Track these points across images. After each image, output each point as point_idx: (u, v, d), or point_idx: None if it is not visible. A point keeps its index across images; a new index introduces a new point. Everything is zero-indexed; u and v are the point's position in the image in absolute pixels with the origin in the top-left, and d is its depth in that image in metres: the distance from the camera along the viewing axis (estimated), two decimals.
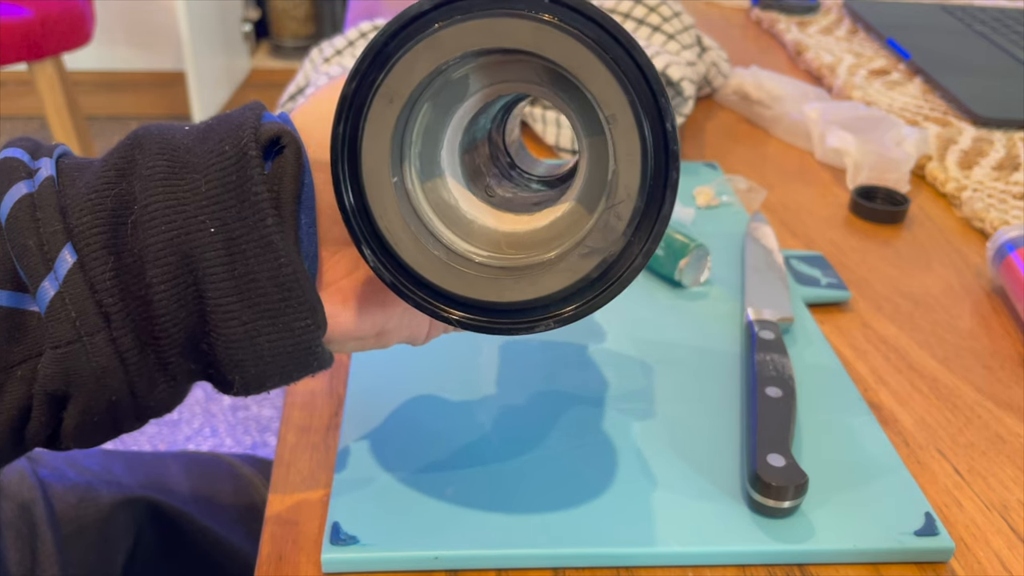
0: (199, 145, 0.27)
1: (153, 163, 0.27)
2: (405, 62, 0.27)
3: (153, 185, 0.26)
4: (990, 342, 0.49)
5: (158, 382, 0.28)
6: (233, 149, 0.27)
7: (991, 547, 0.36)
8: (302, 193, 0.27)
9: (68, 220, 0.26)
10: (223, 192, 0.26)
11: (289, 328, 0.27)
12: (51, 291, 0.26)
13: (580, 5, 0.26)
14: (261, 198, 0.26)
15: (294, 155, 0.27)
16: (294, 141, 0.27)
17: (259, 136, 0.27)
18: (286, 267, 0.27)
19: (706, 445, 0.39)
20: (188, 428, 1.42)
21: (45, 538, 0.46)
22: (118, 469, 0.53)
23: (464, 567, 0.34)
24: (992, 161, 0.68)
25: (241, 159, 0.26)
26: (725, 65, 0.77)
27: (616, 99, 0.26)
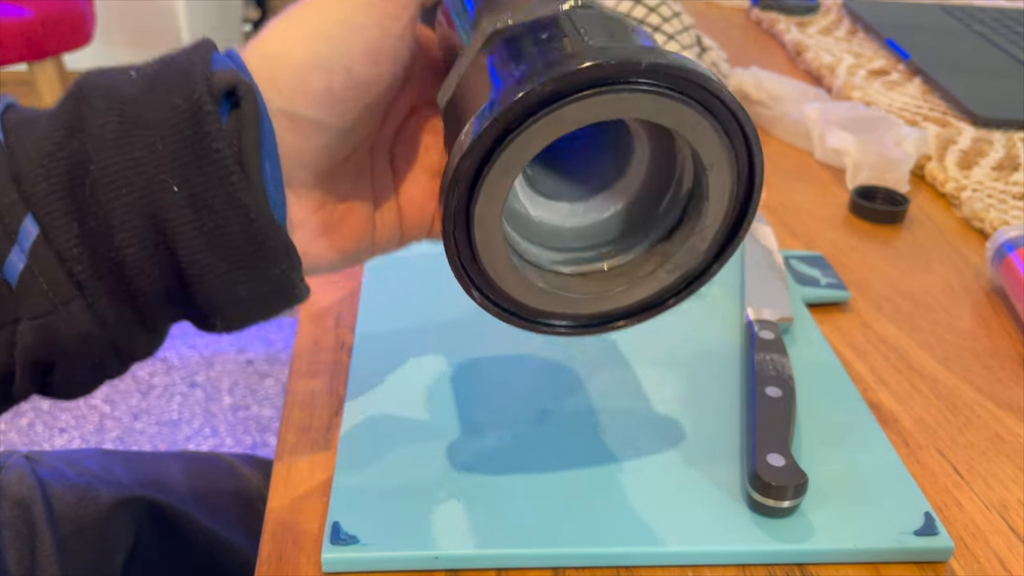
0: (148, 96, 0.26)
1: (103, 120, 0.26)
2: (524, 137, 0.27)
3: (107, 145, 0.26)
4: (990, 342, 0.49)
5: (139, 335, 0.28)
6: (186, 103, 0.26)
7: (991, 547, 0.36)
8: (263, 142, 0.27)
9: (23, 188, 0.26)
10: (180, 149, 0.26)
11: (265, 276, 0.28)
12: (19, 264, 0.26)
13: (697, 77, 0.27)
14: (224, 155, 0.26)
15: (252, 107, 0.27)
16: (250, 91, 0.27)
17: (212, 88, 0.26)
18: (256, 221, 0.27)
19: (706, 445, 0.39)
20: (188, 428, 1.42)
21: (44, 538, 0.46)
22: (118, 469, 0.53)
23: (464, 567, 0.34)
24: (992, 161, 0.68)
25: (196, 114, 0.26)
26: (725, 65, 0.77)
27: (717, 153, 0.29)
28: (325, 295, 0.48)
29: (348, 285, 0.49)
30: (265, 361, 1.58)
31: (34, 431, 1.40)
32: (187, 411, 1.46)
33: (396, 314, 0.46)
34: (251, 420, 1.45)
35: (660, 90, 0.27)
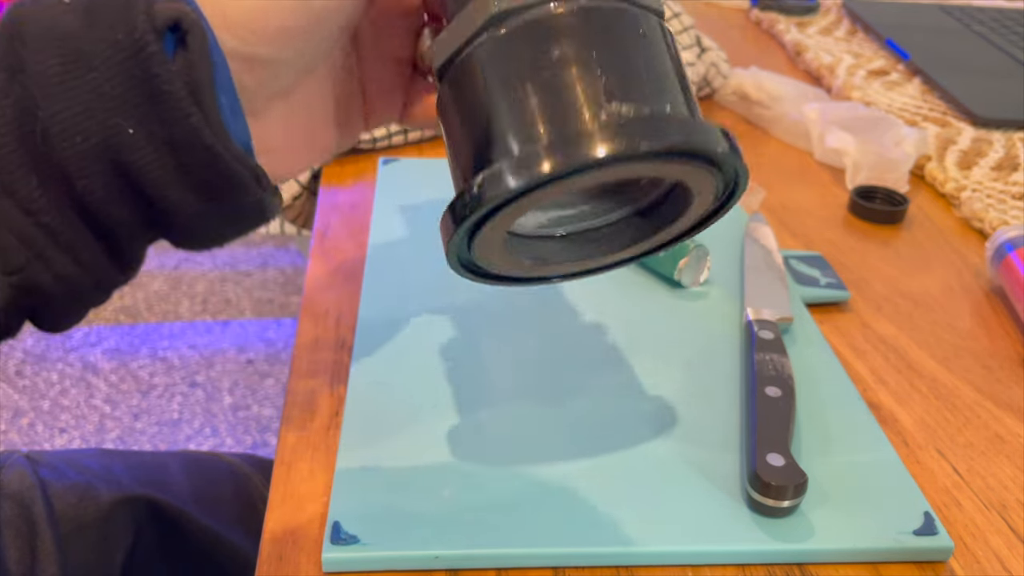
0: (88, 31, 0.25)
1: (44, 60, 0.24)
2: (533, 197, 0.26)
3: (52, 90, 0.24)
4: (989, 342, 0.49)
5: (117, 266, 0.28)
6: (127, 39, 0.24)
7: (990, 547, 0.36)
8: (216, 76, 0.26)
9: None
10: (130, 90, 0.25)
11: (238, 204, 0.28)
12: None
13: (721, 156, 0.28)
14: (178, 96, 0.25)
15: (199, 41, 0.25)
16: (196, 24, 0.25)
17: (155, 22, 0.25)
18: (222, 157, 0.26)
19: (705, 444, 0.39)
20: (188, 428, 1.43)
21: (45, 536, 0.46)
22: (118, 468, 0.53)
23: (464, 566, 0.34)
24: (991, 161, 0.68)
25: (140, 52, 0.25)
26: (724, 65, 0.77)
27: (709, 188, 0.29)
28: (325, 295, 0.48)
29: (348, 285, 0.49)
30: (265, 361, 1.58)
31: (34, 431, 1.40)
32: (187, 411, 1.46)
33: (397, 314, 0.46)
34: (251, 420, 1.45)
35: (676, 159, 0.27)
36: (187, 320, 1.67)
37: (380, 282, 0.49)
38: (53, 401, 1.46)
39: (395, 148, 0.65)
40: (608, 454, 0.38)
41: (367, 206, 0.57)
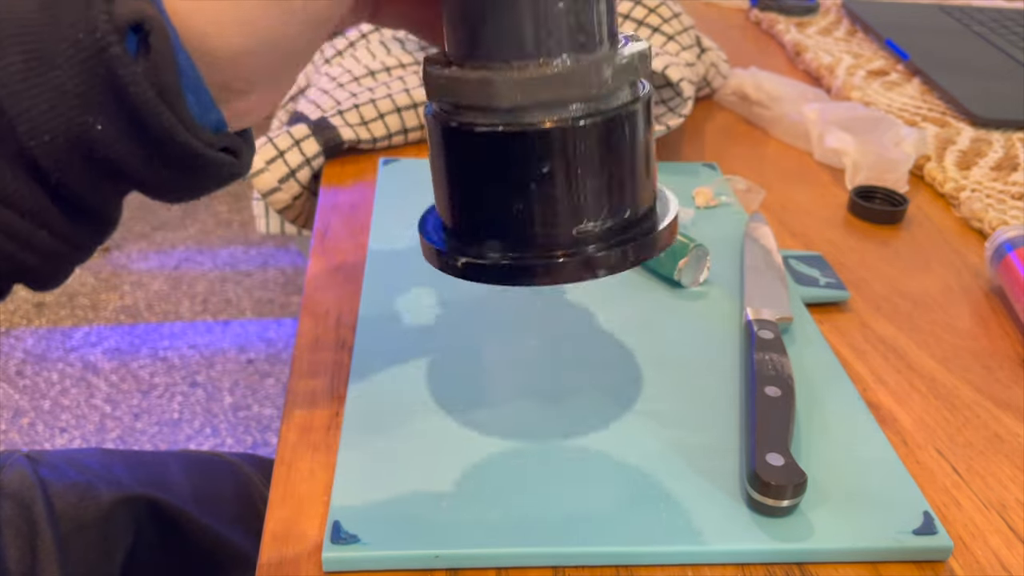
0: (49, 28, 0.24)
1: (4, 59, 0.24)
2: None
3: (15, 87, 0.24)
4: (988, 342, 0.49)
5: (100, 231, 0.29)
6: (89, 38, 0.24)
7: (989, 546, 0.37)
8: (181, 76, 0.25)
9: None
10: (93, 89, 0.25)
11: (214, 177, 0.28)
12: None
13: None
14: (146, 97, 0.25)
15: (163, 44, 0.25)
16: (159, 26, 0.25)
17: (115, 22, 0.24)
18: (197, 148, 0.26)
19: (705, 444, 0.39)
20: (189, 428, 1.43)
21: (45, 536, 0.46)
22: (118, 468, 0.53)
23: (464, 566, 0.34)
24: (990, 161, 0.68)
25: (102, 54, 0.24)
26: (724, 66, 0.77)
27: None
28: (326, 295, 0.48)
29: (349, 285, 0.49)
30: (266, 361, 1.58)
31: (35, 431, 1.40)
32: (188, 411, 1.46)
33: (397, 314, 0.46)
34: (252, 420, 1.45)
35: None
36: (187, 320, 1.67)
37: (380, 282, 0.49)
38: (53, 401, 1.46)
39: (395, 148, 0.65)
40: (608, 453, 0.38)
41: (367, 206, 0.57)
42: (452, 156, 0.30)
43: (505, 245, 0.30)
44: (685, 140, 0.70)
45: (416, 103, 0.64)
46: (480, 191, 0.30)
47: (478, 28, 0.28)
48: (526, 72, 0.28)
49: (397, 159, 0.62)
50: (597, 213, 0.30)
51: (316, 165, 0.62)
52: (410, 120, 0.64)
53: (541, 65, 0.28)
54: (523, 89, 0.28)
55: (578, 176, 0.29)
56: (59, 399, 1.47)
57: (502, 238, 0.30)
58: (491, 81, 0.28)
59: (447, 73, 0.29)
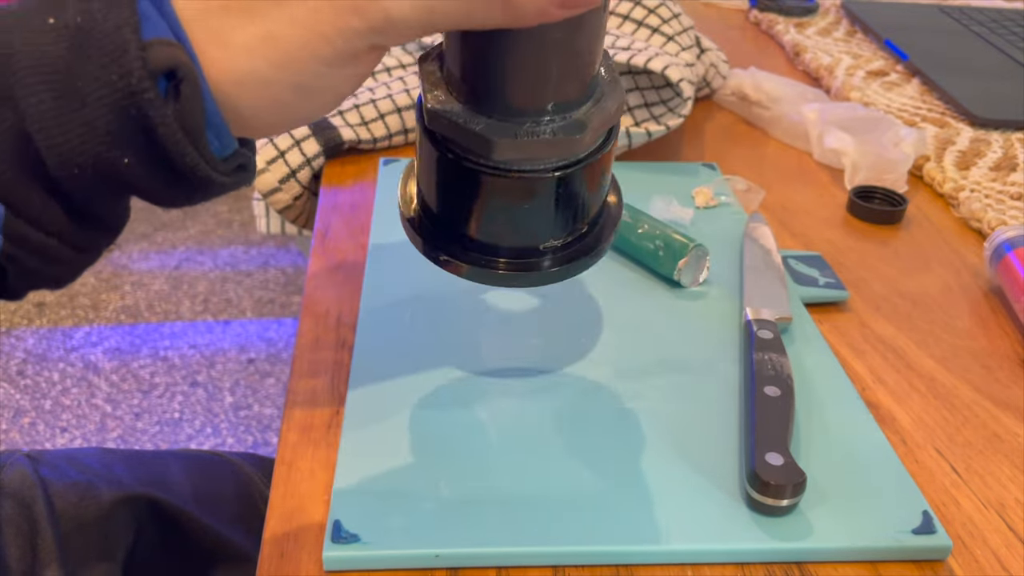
0: (79, 65, 0.25)
1: (35, 96, 0.25)
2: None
3: (47, 124, 0.26)
4: (987, 342, 0.50)
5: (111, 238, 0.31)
6: (123, 82, 0.25)
7: (988, 546, 0.37)
8: (208, 119, 0.27)
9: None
10: (124, 127, 0.26)
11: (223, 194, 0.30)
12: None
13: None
14: (174, 138, 0.26)
15: (194, 91, 0.26)
16: (191, 75, 0.26)
17: (149, 66, 0.25)
18: (215, 180, 0.28)
19: (705, 444, 0.39)
20: (190, 428, 1.43)
21: (45, 535, 0.46)
22: (119, 468, 0.53)
23: (464, 565, 0.34)
24: (990, 162, 0.68)
25: (135, 96, 0.25)
26: (724, 66, 0.77)
27: None
28: (326, 294, 0.48)
29: (349, 285, 0.49)
30: (266, 360, 1.58)
31: (35, 431, 1.40)
32: (188, 410, 1.46)
33: (397, 313, 0.46)
34: (252, 419, 1.45)
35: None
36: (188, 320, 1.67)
37: (380, 282, 0.49)
38: (54, 401, 1.46)
39: (395, 148, 0.65)
40: (608, 453, 0.39)
41: (368, 206, 0.57)
42: (444, 178, 0.34)
43: (480, 249, 0.35)
44: (685, 140, 0.71)
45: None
46: (465, 209, 0.35)
47: (481, 87, 0.32)
48: (519, 135, 0.32)
49: (397, 159, 0.62)
50: (561, 234, 0.35)
51: (316, 165, 0.62)
52: (410, 120, 0.65)
53: (531, 128, 0.32)
54: (514, 150, 0.32)
55: (549, 210, 0.34)
56: (60, 399, 1.47)
57: (478, 245, 0.35)
58: (490, 142, 0.31)
59: (450, 115, 0.32)
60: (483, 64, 0.31)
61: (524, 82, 0.31)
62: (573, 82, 0.32)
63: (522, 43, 0.30)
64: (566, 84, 0.32)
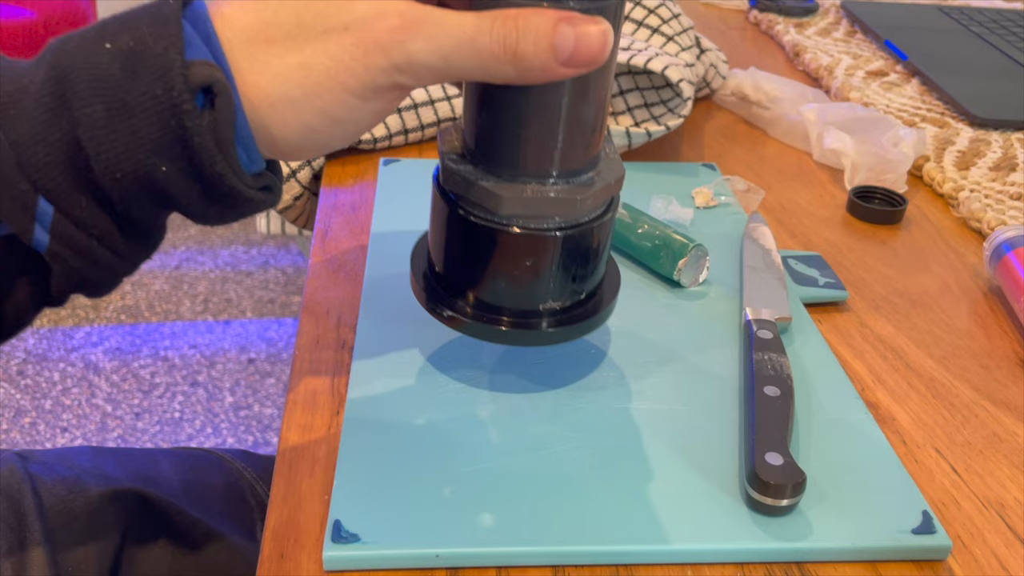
0: (130, 82, 0.28)
1: (89, 107, 0.28)
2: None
3: (97, 133, 0.29)
4: (987, 341, 0.50)
5: (149, 250, 0.34)
6: (166, 95, 0.29)
7: (988, 545, 0.37)
8: (238, 132, 0.30)
9: (28, 172, 0.29)
10: (163, 136, 0.29)
11: (250, 213, 0.33)
12: (45, 239, 0.30)
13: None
14: (207, 147, 0.29)
15: (227, 105, 0.29)
16: (225, 90, 0.29)
17: (190, 83, 0.29)
18: (241, 191, 0.31)
19: (704, 444, 0.39)
20: (190, 427, 1.43)
21: (34, 528, 0.47)
22: (108, 464, 0.53)
23: (465, 564, 0.34)
24: (989, 162, 0.68)
25: (176, 107, 0.29)
26: (723, 66, 0.77)
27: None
28: (326, 295, 0.49)
29: (349, 285, 0.49)
30: (267, 360, 1.58)
31: (36, 431, 1.40)
32: (189, 410, 1.46)
33: (397, 313, 0.46)
34: (253, 419, 1.45)
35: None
36: (188, 320, 1.67)
37: (381, 282, 0.49)
38: (55, 400, 1.46)
39: (395, 148, 0.65)
40: (607, 453, 0.39)
41: (368, 206, 0.57)
42: (453, 234, 0.37)
43: (483, 307, 0.38)
44: (685, 140, 0.71)
45: (416, 104, 0.64)
46: (471, 265, 0.37)
47: (493, 149, 0.35)
48: (525, 192, 0.35)
49: (397, 159, 0.62)
50: (560, 296, 0.38)
51: (317, 165, 0.62)
52: (410, 121, 0.65)
53: (537, 188, 0.35)
54: (521, 205, 0.35)
55: (551, 270, 0.37)
56: (60, 399, 1.47)
57: (481, 304, 0.38)
58: (498, 196, 0.35)
59: (463, 172, 0.35)
60: (495, 129, 0.35)
61: (532, 146, 0.34)
62: (577, 150, 0.35)
63: (532, 110, 0.34)
64: (571, 152, 0.35)
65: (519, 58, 0.31)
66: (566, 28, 0.30)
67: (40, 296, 0.32)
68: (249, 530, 0.54)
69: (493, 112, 0.34)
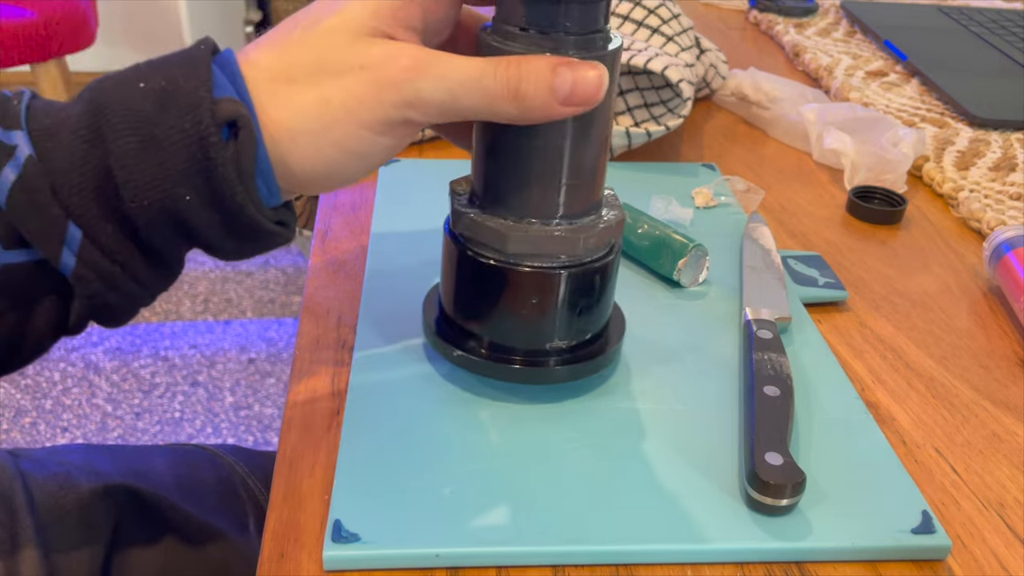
0: (160, 116, 0.31)
1: (123, 139, 0.30)
2: None
3: (127, 162, 0.31)
4: (987, 341, 0.50)
5: (167, 280, 0.35)
6: (194, 128, 0.31)
7: (988, 545, 0.37)
8: (258, 164, 0.32)
9: (60, 198, 0.31)
10: (191, 167, 0.31)
11: (267, 248, 0.35)
12: (71, 262, 0.31)
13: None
14: (229, 178, 0.31)
15: (249, 139, 0.31)
16: (248, 125, 0.31)
17: (216, 118, 0.31)
18: (260, 223, 0.33)
19: (704, 444, 0.39)
20: (190, 427, 1.43)
21: (25, 525, 0.47)
22: (100, 461, 0.53)
23: (465, 564, 0.34)
24: (989, 162, 0.68)
25: (203, 140, 0.31)
26: (723, 67, 0.77)
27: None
28: (327, 294, 0.49)
29: (349, 285, 0.49)
30: (267, 360, 1.58)
31: (36, 430, 1.40)
32: (189, 410, 1.46)
33: (397, 314, 0.46)
34: (253, 419, 1.45)
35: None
36: (189, 320, 1.67)
37: (381, 282, 0.49)
38: (55, 400, 1.46)
39: None
40: (607, 452, 0.39)
41: (368, 206, 0.57)
42: (463, 275, 0.39)
43: (492, 346, 0.40)
44: (685, 140, 0.71)
45: None
46: (480, 305, 0.40)
47: (499, 193, 0.37)
48: (531, 231, 0.37)
49: (397, 159, 0.62)
50: (566, 335, 0.40)
51: None
52: None
53: (542, 228, 0.37)
54: (527, 243, 0.37)
55: (556, 308, 0.39)
56: (61, 398, 1.47)
57: (490, 343, 0.40)
58: (505, 235, 0.37)
59: (472, 216, 0.38)
60: (500, 174, 0.37)
61: (536, 189, 0.37)
62: (580, 193, 0.37)
63: (535, 156, 0.36)
64: (573, 194, 0.37)
65: (521, 98, 0.33)
66: (565, 71, 0.33)
67: (59, 323, 0.34)
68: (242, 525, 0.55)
69: (499, 158, 0.37)
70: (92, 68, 2.35)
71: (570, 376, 0.40)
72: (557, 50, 0.34)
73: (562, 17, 0.34)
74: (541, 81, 0.33)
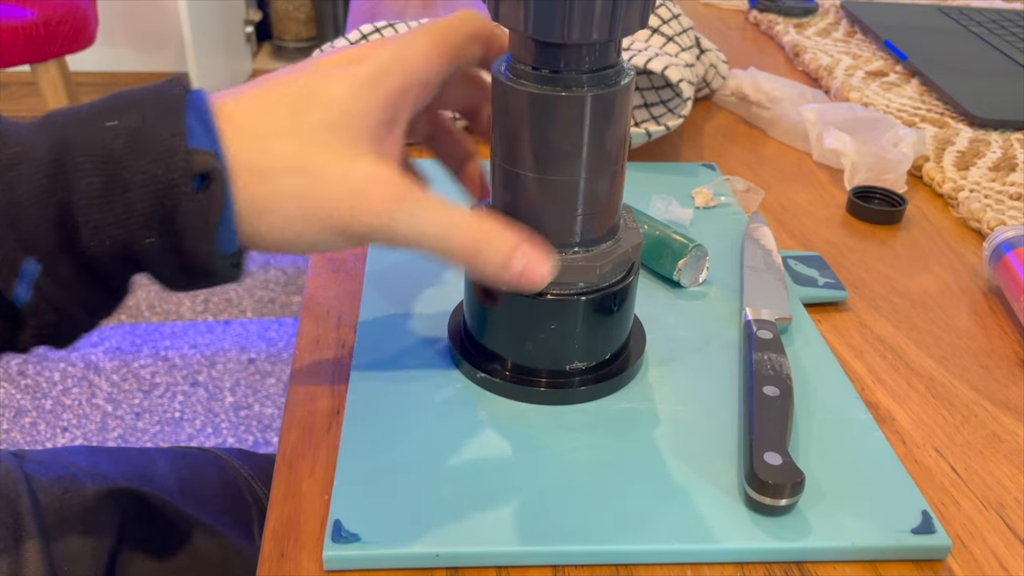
0: (131, 159, 0.30)
1: (88, 178, 0.30)
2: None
3: (92, 203, 0.30)
4: (987, 341, 0.50)
5: (114, 305, 0.35)
6: (167, 176, 0.31)
7: (988, 545, 0.37)
8: (223, 216, 0.32)
9: (19, 231, 0.30)
10: (158, 213, 0.31)
11: (220, 284, 0.35)
12: (25, 295, 0.31)
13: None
14: (196, 229, 0.31)
15: (219, 192, 0.31)
16: (221, 179, 0.31)
17: (190, 168, 0.31)
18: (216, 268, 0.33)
19: (704, 443, 0.39)
20: (190, 427, 1.43)
21: (29, 527, 0.47)
22: (104, 463, 0.53)
23: (465, 564, 0.34)
24: (989, 162, 0.68)
25: (174, 188, 0.31)
26: (723, 66, 0.77)
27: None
28: (327, 294, 0.49)
29: (349, 285, 0.49)
30: (267, 360, 1.58)
31: (36, 430, 1.41)
32: (189, 410, 1.46)
33: (397, 314, 0.46)
34: (253, 419, 1.46)
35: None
36: (188, 320, 1.67)
37: (381, 282, 0.49)
38: (55, 400, 1.46)
39: None
40: (607, 452, 0.39)
41: None
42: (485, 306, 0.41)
43: (514, 368, 0.41)
44: (685, 140, 0.71)
45: None
46: (501, 330, 0.41)
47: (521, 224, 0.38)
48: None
49: None
50: (585, 357, 0.41)
51: None
52: None
53: (559, 256, 0.38)
54: None
55: (575, 332, 0.40)
56: (61, 398, 1.47)
57: (514, 366, 0.41)
58: None
59: None
60: (518, 206, 0.38)
61: (554, 222, 0.38)
62: (597, 221, 0.39)
63: (552, 187, 0.37)
64: (590, 223, 0.38)
65: (477, 261, 0.35)
66: (521, 257, 0.36)
67: (6, 345, 0.34)
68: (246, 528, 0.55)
69: (516, 192, 0.38)
70: (92, 68, 2.35)
71: (592, 396, 0.41)
72: (570, 87, 0.35)
73: (573, 59, 0.35)
74: (500, 254, 0.35)
